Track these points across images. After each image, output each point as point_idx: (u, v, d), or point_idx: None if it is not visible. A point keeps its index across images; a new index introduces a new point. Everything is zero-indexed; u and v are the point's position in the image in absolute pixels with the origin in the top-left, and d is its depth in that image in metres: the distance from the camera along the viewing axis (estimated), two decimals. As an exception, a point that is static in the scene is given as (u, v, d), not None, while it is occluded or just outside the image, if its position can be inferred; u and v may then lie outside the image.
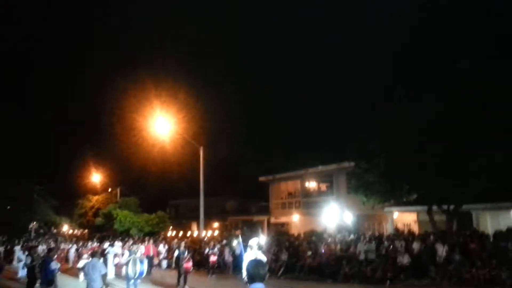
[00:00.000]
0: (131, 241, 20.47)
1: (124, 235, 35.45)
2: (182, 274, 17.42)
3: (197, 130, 31.89)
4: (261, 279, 4.05)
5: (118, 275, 21.02)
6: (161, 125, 28.28)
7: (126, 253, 17.78)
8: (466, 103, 16.17)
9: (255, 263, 4.30)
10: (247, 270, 4.32)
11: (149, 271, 20.69)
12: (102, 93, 75.31)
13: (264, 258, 11.17)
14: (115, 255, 22.57)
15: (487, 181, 16.49)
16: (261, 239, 21.80)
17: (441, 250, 16.91)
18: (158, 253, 25.82)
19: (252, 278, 4.07)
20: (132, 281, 15.55)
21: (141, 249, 18.99)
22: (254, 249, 11.43)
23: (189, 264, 17.86)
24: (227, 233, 34.02)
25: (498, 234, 18.00)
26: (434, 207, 19.61)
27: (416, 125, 17.54)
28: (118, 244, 26.86)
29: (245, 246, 12.03)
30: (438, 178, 17.17)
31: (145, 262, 16.25)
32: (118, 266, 22.65)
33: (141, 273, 15.59)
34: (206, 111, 44.60)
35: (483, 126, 15.71)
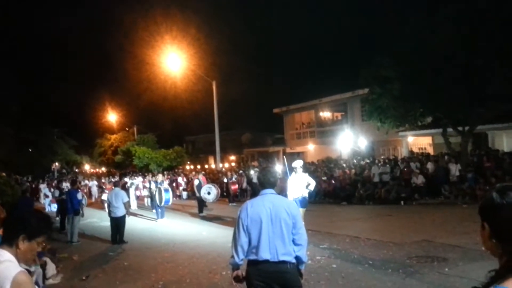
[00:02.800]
0: (159, 175, 20.66)
1: (143, 170, 36.53)
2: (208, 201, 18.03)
3: (209, 66, 31.67)
4: (271, 186, 4.17)
5: (140, 206, 21.95)
6: (173, 61, 28.10)
7: (153, 184, 18.41)
8: (482, 26, 15.72)
9: (265, 171, 4.42)
10: (258, 178, 4.46)
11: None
12: (112, 30, 74.32)
13: (312, 181, 10.50)
14: (136, 188, 23.42)
15: (503, 104, 16.35)
16: (278, 167, 22.25)
17: (455, 169, 17.16)
18: (179, 185, 26.70)
19: (262, 185, 4.20)
20: (160, 210, 16.30)
21: (164, 180, 19.51)
22: (299, 171, 10.45)
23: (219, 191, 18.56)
24: (244, 165, 34.70)
25: (514, 152, 18.05)
26: (449, 129, 19.62)
27: (430, 49, 17.17)
28: (138, 178, 27.80)
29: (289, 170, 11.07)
30: (453, 101, 17.03)
31: (170, 192, 16.93)
32: (140, 198, 23.61)
33: (166, 201, 16.28)
34: (218, 46, 43.99)
35: (499, 49, 15.35)
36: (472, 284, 1.57)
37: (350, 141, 27.79)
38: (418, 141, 26.38)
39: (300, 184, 10.28)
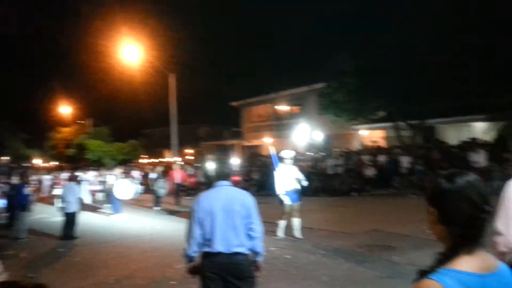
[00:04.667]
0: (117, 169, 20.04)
1: (97, 164, 35.67)
2: (161, 196, 17.84)
3: (167, 59, 31.03)
4: (226, 177, 4.18)
5: (93, 201, 21.46)
6: (129, 52, 27.37)
7: (111, 177, 18.02)
8: (434, 24, 16.28)
9: (219, 163, 4.43)
10: (213, 170, 4.45)
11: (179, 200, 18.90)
12: (66, 20, 71.56)
13: (300, 175, 9.85)
14: (89, 183, 22.89)
15: (452, 99, 17.09)
16: (234, 161, 22.31)
17: (405, 161, 17.76)
18: (133, 179, 26.21)
19: (217, 177, 4.20)
20: (117, 204, 15.99)
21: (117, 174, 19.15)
22: (288, 162, 9.67)
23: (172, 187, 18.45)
24: (200, 158, 34.55)
25: (461, 145, 18.79)
26: (401, 123, 20.25)
27: (384, 44, 17.62)
28: (91, 172, 27.12)
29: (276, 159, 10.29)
30: (405, 95, 17.56)
31: (135, 185, 16.77)
32: (93, 193, 23.07)
33: (130, 195, 16.10)
34: (176, 38, 43.31)
35: (448, 46, 15.96)
36: None
37: (306, 135, 28.15)
38: (371, 134, 27.06)
39: (290, 176, 9.56)
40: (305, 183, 9.97)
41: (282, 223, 9.83)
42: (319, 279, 6.68)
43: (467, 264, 1.45)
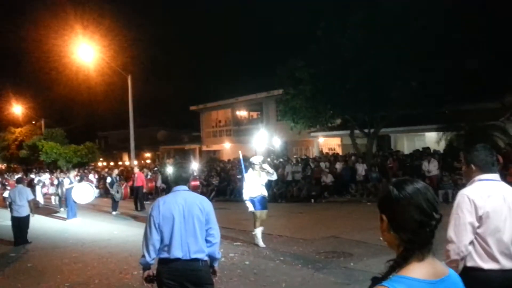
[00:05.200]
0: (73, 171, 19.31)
1: (51, 167, 34.63)
2: (117, 201, 17.55)
3: (125, 60, 30.47)
4: (184, 182, 4.15)
5: (47, 204, 20.82)
6: (85, 52, 26.69)
7: (66, 180, 17.54)
8: (385, 38, 16.79)
9: (177, 167, 4.41)
10: (171, 174, 4.40)
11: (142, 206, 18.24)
12: (19, 17, 69.03)
13: (274, 175, 9.70)
14: (43, 185, 22.19)
15: (404, 108, 17.67)
16: (193, 165, 22.20)
17: (361, 169, 18.24)
18: (89, 182, 25.64)
19: (175, 181, 4.17)
20: (72, 208, 15.56)
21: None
22: (257, 168, 9.40)
23: (127, 191, 18.16)
24: (159, 162, 34.15)
25: (414, 154, 19.49)
26: (356, 131, 20.76)
27: (341, 54, 17.99)
28: (45, 175, 26.33)
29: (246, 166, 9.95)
30: (359, 103, 18.01)
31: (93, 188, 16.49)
32: (46, 196, 22.38)
33: (89, 199, 15.75)
34: (134, 39, 42.66)
35: (402, 59, 16.49)
36: None
37: (265, 140, 28.35)
38: (328, 142, 27.59)
39: (258, 182, 9.38)
40: (274, 177, 9.85)
41: (258, 231, 9.62)
42: (278, 285, 6.76)
43: (418, 270, 1.50)
